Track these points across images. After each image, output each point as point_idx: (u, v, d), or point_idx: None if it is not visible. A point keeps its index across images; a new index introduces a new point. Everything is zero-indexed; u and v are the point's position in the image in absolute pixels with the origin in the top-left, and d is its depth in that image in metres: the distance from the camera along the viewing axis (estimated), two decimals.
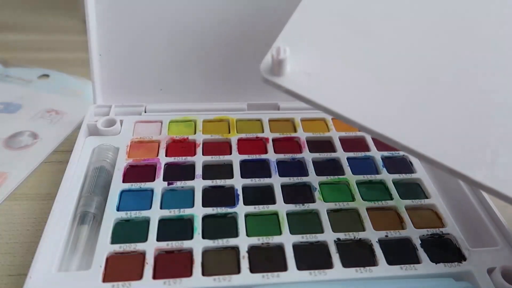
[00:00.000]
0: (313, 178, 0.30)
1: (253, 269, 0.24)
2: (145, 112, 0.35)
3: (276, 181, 0.29)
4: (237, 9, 0.34)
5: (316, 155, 0.32)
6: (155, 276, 0.23)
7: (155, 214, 0.26)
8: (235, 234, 0.26)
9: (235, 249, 0.25)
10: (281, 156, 0.32)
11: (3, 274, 0.26)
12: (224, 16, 0.35)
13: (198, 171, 0.30)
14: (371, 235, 0.26)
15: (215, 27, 0.35)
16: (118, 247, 0.24)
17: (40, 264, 0.23)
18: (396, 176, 0.30)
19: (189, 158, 0.31)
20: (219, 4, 0.34)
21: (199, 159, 0.31)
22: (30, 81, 0.42)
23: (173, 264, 0.24)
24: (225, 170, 0.30)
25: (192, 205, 0.27)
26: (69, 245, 0.25)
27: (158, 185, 0.28)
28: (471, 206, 0.29)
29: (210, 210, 0.27)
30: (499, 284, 0.23)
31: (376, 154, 0.32)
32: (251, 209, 0.27)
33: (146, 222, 0.26)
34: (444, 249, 0.26)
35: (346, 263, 0.24)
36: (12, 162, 0.33)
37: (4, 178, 0.31)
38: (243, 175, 0.30)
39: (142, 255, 0.24)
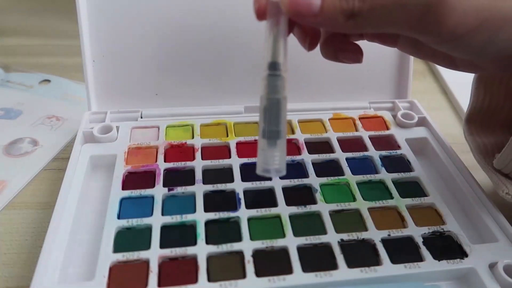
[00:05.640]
0: (313, 180, 0.30)
1: (258, 273, 0.24)
2: (141, 117, 0.35)
3: (277, 183, 0.29)
4: (232, 12, 0.34)
5: (315, 156, 0.32)
6: (160, 284, 0.23)
7: (157, 221, 0.26)
8: (238, 238, 0.26)
9: (240, 254, 0.25)
10: None
11: (1, 286, 0.25)
12: (219, 19, 0.34)
13: (198, 176, 0.30)
14: (374, 234, 0.26)
15: (210, 30, 0.35)
16: (121, 256, 0.24)
17: (41, 277, 0.23)
18: (395, 175, 0.31)
19: (189, 163, 0.31)
20: (214, 7, 0.34)
21: (198, 164, 0.31)
22: (31, 87, 0.42)
23: (178, 271, 0.24)
24: (225, 174, 0.30)
25: (194, 211, 0.27)
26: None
27: (159, 192, 0.28)
28: (470, 202, 0.29)
29: (212, 215, 0.27)
30: (501, 278, 0.24)
31: (375, 154, 0.32)
32: (253, 212, 0.27)
33: (148, 229, 0.26)
34: (446, 246, 0.26)
35: (350, 264, 0.24)
36: (12, 169, 0.32)
37: (4, 186, 0.31)
38: (243, 179, 0.29)
39: (146, 263, 0.24)
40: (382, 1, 0.19)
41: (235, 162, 0.31)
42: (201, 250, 0.25)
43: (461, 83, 0.45)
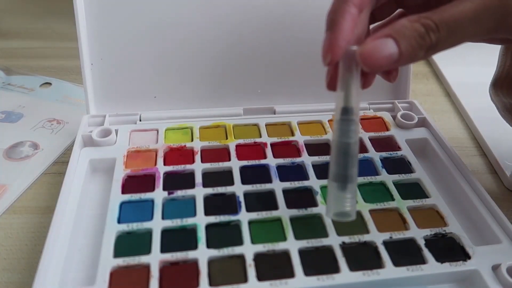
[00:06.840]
0: (314, 182, 0.30)
1: (260, 277, 0.23)
2: (140, 120, 0.34)
3: (277, 186, 0.29)
4: (230, 14, 0.34)
5: (316, 158, 0.32)
6: None
7: (157, 225, 0.26)
8: (239, 242, 0.25)
9: (241, 258, 0.25)
10: (281, 160, 0.31)
11: None
12: (217, 21, 0.34)
13: (198, 179, 0.29)
14: (376, 237, 0.26)
15: (208, 32, 0.35)
16: (122, 261, 0.24)
17: (41, 282, 0.22)
18: (396, 177, 0.31)
19: (188, 166, 0.30)
20: (212, 9, 0.34)
21: (198, 167, 0.30)
22: (32, 90, 0.42)
23: (179, 276, 0.24)
24: (225, 177, 0.30)
25: (194, 214, 0.27)
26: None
27: (159, 195, 0.28)
28: (472, 203, 0.29)
29: (213, 219, 0.27)
30: (505, 280, 0.24)
31: (375, 155, 0.32)
32: (254, 215, 0.27)
33: (148, 233, 0.26)
34: (448, 248, 0.26)
35: (353, 267, 0.24)
36: (12, 173, 0.32)
37: (4, 190, 0.31)
38: (243, 182, 0.29)
39: (146, 268, 0.24)
40: (457, 21, 0.20)
41: (235, 164, 0.31)
42: (202, 254, 0.24)
43: (465, 86, 0.45)
